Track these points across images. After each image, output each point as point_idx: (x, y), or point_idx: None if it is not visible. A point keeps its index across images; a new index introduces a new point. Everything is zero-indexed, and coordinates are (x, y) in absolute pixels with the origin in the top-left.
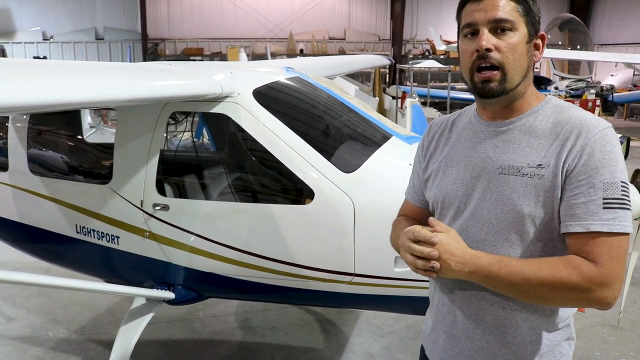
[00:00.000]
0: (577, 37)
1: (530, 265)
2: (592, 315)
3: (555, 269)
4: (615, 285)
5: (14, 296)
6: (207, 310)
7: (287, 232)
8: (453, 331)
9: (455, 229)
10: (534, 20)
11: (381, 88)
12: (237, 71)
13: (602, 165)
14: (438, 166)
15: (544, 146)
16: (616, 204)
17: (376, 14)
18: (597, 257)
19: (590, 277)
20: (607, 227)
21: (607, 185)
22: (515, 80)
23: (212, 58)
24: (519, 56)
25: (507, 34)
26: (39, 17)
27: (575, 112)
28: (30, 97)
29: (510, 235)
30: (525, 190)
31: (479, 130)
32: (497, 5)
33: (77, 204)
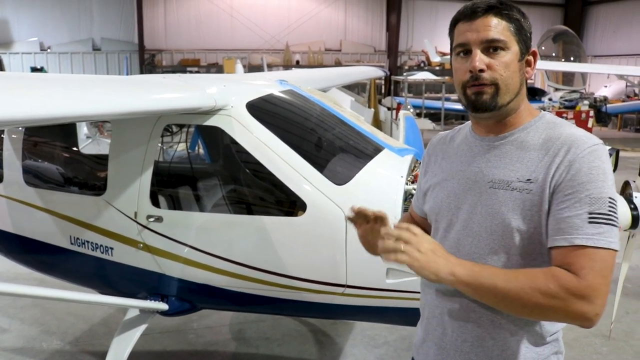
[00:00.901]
0: (570, 49)
1: (510, 271)
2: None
3: (534, 277)
4: (596, 300)
5: (8, 307)
6: (202, 322)
7: (280, 243)
8: (442, 343)
9: (449, 242)
10: (525, 38)
11: (376, 99)
12: (231, 84)
13: (589, 180)
14: (435, 180)
15: (533, 161)
16: (602, 219)
17: (372, 26)
18: (579, 269)
19: (568, 287)
20: (591, 241)
21: (593, 200)
22: (507, 97)
23: (209, 69)
24: (511, 74)
25: (499, 53)
26: (36, 27)
27: (567, 129)
28: (24, 112)
29: (499, 248)
30: (514, 204)
31: (473, 145)
32: (489, 25)
33: (72, 215)
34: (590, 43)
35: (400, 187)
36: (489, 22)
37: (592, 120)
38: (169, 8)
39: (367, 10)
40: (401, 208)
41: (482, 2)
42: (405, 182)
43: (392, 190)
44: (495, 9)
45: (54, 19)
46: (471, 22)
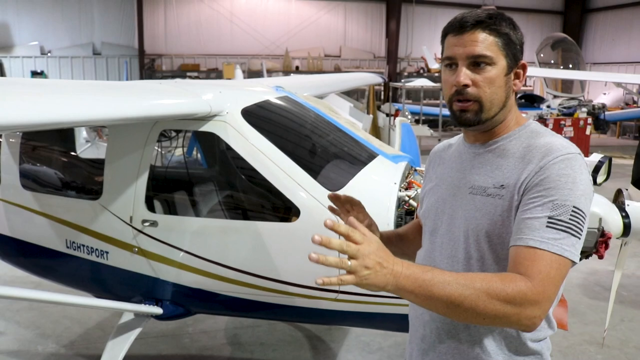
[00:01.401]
0: (569, 56)
1: (464, 277)
2: (581, 333)
3: (491, 281)
4: (543, 306)
5: (4, 310)
6: (197, 326)
7: (273, 249)
8: (423, 345)
9: (434, 246)
10: (514, 51)
11: (375, 105)
12: (226, 90)
13: (555, 186)
14: (429, 186)
15: (509, 168)
16: (561, 225)
17: (371, 32)
18: (534, 273)
19: (525, 293)
20: (545, 244)
21: (556, 206)
22: (492, 111)
23: (209, 74)
24: (496, 89)
25: (485, 68)
26: (37, 31)
27: (546, 138)
28: (21, 117)
29: (474, 253)
30: (487, 209)
31: (462, 153)
32: (475, 40)
33: (68, 219)
34: (590, 50)
35: (394, 194)
36: (476, 37)
37: (590, 127)
38: (169, 13)
39: (367, 16)
40: (394, 214)
41: (471, 15)
42: (399, 188)
43: (385, 197)
44: (483, 24)
45: (55, 23)
46: (459, 36)
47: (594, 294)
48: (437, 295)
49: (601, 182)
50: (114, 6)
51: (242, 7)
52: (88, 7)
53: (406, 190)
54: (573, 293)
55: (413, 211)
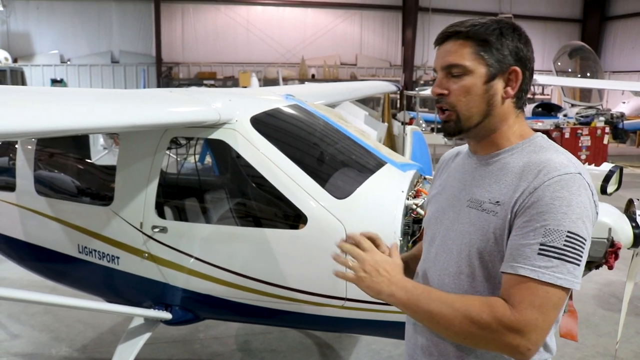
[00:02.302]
0: (587, 65)
1: (449, 295)
2: (594, 345)
3: (470, 305)
4: (529, 335)
5: (20, 313)
6: (208, 332)
7: (281, 256)
8: (415, 355)
9: (430, 256)
10: (500, 57)
11: (390, 114)
12: (236, 98)
13: (548, 210)
14: (432, 195)
15: (507, 184)
16: (554, 253)
17: (387, 40)
18: (517, 301)
19: (500, 319)
20: (535, 273)
21: (548, 231)
22: (472, 120)
23: (225, 82)
24: (474, 97)
25: (461, 77)
26: (57, 40)
27: (548, 154)
28: (36, 124)
29: (465, 268)
30: (480, 225)
31: (466, 163)
32: (449, 50)
33: (80, 224)
34: (609, 59)
35: (401, 202)
36: (451, 47)
37: (607, 136)
38: (186, 22)
39: (383, 24)
40: (401, 222)
41: (452, 26)
42: (406, 197)
43: (392, 205)
44: (459, 34)
45: (74, 32)
46: (440, 47)
47: (609, 305)
48: (422, 309)
49: (612, 192)
50: (132, 15)
51: (259, 15)
52: (107, 16)
53: (414, 199)
54: (587, 304)
55: (421, 219)
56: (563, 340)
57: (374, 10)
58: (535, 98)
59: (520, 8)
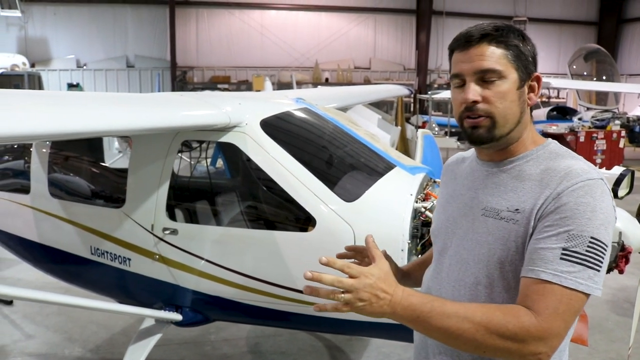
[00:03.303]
0: (603, 68)
1: (465, 308)
2: (606, 351)
3: (493, 315)
4: (551, 342)
5: (35, 314)
6: (219, 334)
7: (290, 258)
8: (424, 355)
9: (441, 267)
10: (526, 63)
11: (403, 117)
12: (246, 102)
13: (572, 215)
14: (440, 201)
15: (525, 191)
16: (576, 258)
17: (401, 44)
18: (541, 309)
19: (528, 329)
20: (557, 278)
21: (572, 236)
22: (506, 127)
23: (239, 86)
24: (509, 104)
25: (495, 83)
26: (74, 45)
27: (567, 161)
28: (50, 127)
29: (484, 279)
30: (500, 234)
31: (475, 170)
32: (483, 54)
33: (93, 226)
34: (625, 61)
35: (409, 205)
36: (483, 51)
37: (623, 140)
38: (200, 26)
39: (397, 28)
40: (409, 225)
41: (477, 29)
42: (415, 200)
43: (400, 208)
44: (489, 37)
45: (91, 37)
46: (465, 51)
47: (623, 310)
48: (435, 327)
49: (623, 196)
50: (147, 20)
51: (273, 19)
52: (122, 21)
53: (423, 202)
54: (601, 309)
55: (429, 222)
56: (575, 345)
57: (387, 14)
58: (551, 102)
59: (535, 11)
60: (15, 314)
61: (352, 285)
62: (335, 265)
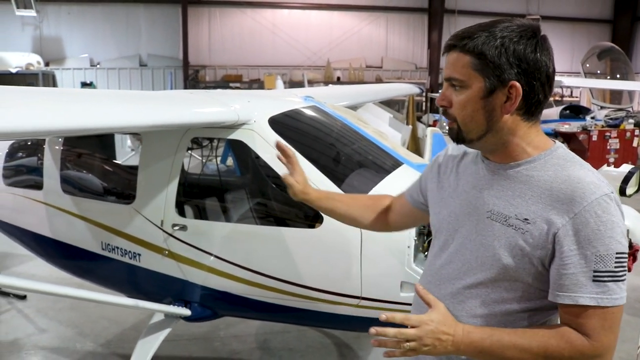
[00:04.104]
0: (617, 66)
1: (522, 338)
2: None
3: (547, 343)
4: (607, 355)
5: (48, 309)
6: (228, 330)
7: (297, 254)
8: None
9: (441, 261)
10: (498, 72)
11: (415, 116)
12: (255, 100)
13: (596, 237)
14: (442, 195)
15: (534, 200)
16: (607, 277)
17: (413, 43)
18: (590, 330)
19: (582, 352)
20: (595, 301)
21: (599, 257)
22: (472, 133)
23: (251, 85)
24: (471, 112)
25: (459, 90)
26: (87, 44)
27: (575, 171)
28: (63, 123)
29: (486, 280)
30: (507, 241)
31: (480, 168)
32: (450, 62)
33: (103, 222)
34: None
35: None
36: (451, 58)
37: (637, 139)
38: (213, 25)
39: (409, 27)
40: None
41: (455, 34)
42: None
43: None
44: (457, 46)
45: (104, 36)
46: (446, 55)
47: (634, 311)
48: (497, 359)
49: (631, 194)
50: (160, 19)
51: (284, 18)
52: (135, 20)
53: None
54: None
55: None
56: None
57: (399, 13)
58: (564, 100)
59: (548, 9)
60: (28, 309)
61: (415, 334)
62: (395, 319)
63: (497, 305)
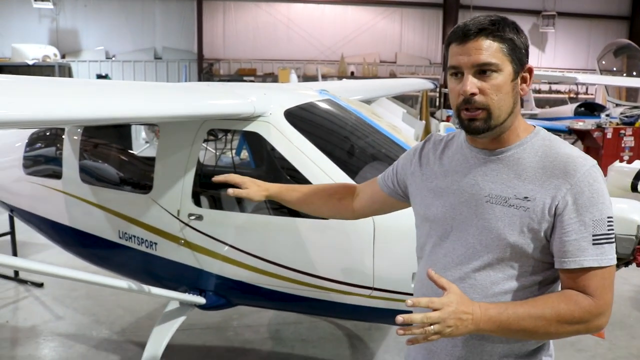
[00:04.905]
0: (633, 63)
1: (534, 307)
2: (627, 347)
3: (558, 307)
4: (608, 312)
5: (64, 297)
6: (241, 320)
7: (311, 245)
8: (433, 347)
9: (442, 250)
10: (520, 55)
11: (428, 111)
12: (271, 92)
13: (591, 203)
14: (428, 184)
15: (530, 179)
16: (604, 239)
17: (428, 38)
18: (593, 290)
19: (590, 310)
20: (596, 262)
21: (596, 222)
22: (501, 117)
23: (265, 78)
24: (504, 95)
25: (491, 75)
26: (103, 37)
27: (562, 149)
28: (86, 113)
29: (493, 261)
30: (510, 220)
31: (469, 157)
32: (480, 48)
33: (121, 211)
34: None
35: None
36: (480, 44)
37: None
38: (227, 19)
39: (423, 22)
40: None
41: (474, 23)
42: None
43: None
44: (486, 31)
45: (120, 29)
46: (463, 44)
47: None
48: (515, 330)
49: None
50: (175, 13)
51: (299, 12)
52: (150, 13)
53: None
54: (623, 306)
55: None
56: (596, 340)
57: (414, 8)
58: (579, 97)
59: (564, 5)
60: (45, 296)
61: (439, 317)
62: (421, 304)
63: (506, 282)
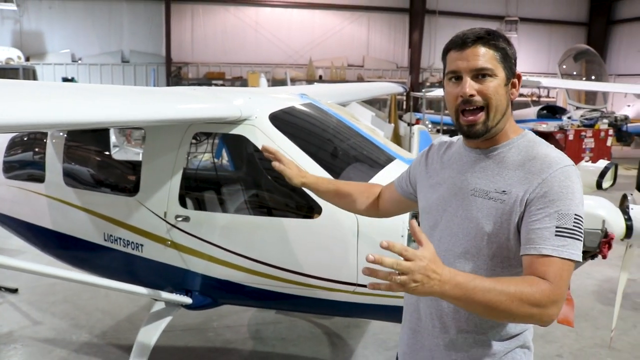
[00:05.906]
0: (591, 68)
1: (500, 283)
2: (592, 337)
3: (522, 287)
4: (560, 304)
5: (40, 302)
6: (221, 321)
7: (296, 243)
8: (417, 327)
9: (432, 239)
10: (510, 64)
11: (397, 115)
12: (255, 97)
13: (558, 198)
14: (430, 182)
15: (510, 175)
16: (567, 233)
17: (394, 42)
18: (552, 277)
19: (548, 295)
20: (556, 252)
21: (561, 215)
22: (497, 118)
23: (233, 82)
24: (500, 97)
25: (487, 79)
26: (69, 40)
27: (542, 149)
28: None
29: (472, 249)
30: (488, 211)
31: (464, 156)
32: (477, 54)
33: (107, 214)
34: (614, 62)
35: None
36: (478, 51)
37: (611, 139)
38: (196, 22)
39: (390, 27)
40: (409, 214)
41: (471, 32)
42: None
43: None
44: (483, 40)
45: (86, 32)
46: (462, 51)
47: (607, 300)
48: (478, 301)
49: (607, 187)
50: (142, 15)
51: (267, 17)
52: (118, 16)
53: None
54: (587, 299)
55: None
56: (564, 330)
57: (381, 13)
58: (541, 101)
59: (526, 11)
60: (21, 302)
61: (409, 267)
62: (394, 249)
63: (483, 273)
